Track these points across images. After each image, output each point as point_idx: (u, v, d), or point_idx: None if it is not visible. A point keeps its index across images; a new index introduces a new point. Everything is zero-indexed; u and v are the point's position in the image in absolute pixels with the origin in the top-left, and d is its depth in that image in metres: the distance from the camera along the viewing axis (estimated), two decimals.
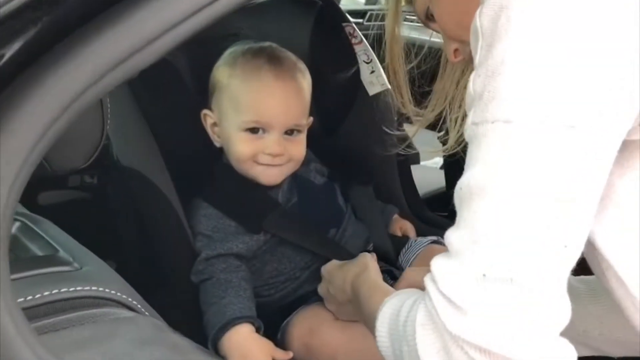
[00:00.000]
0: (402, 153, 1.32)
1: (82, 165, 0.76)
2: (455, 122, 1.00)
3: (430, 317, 0.58)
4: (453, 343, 0.56)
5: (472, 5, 0.62)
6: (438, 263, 0.58)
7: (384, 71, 1.40)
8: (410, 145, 1.42)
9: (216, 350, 0.95)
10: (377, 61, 1.40)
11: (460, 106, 0.95)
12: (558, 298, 0.55)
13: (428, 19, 0.82)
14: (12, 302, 0.41)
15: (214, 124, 1.10)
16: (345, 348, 0.98)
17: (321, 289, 1.03)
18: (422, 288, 0.62)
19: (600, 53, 0.53)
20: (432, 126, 1.04)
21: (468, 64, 0.82)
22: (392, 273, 1.08)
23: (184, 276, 1.05)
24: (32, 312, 0.55)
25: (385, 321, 0.68)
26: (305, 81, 1.10)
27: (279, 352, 0.95)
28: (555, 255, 0.54)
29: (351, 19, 1.45)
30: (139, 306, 0.64)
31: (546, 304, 0.54)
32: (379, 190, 1.35)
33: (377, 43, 1.17)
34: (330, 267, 1.02)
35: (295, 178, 1.12)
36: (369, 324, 0.76)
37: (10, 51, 0.42)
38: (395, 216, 1.27)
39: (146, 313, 0.65)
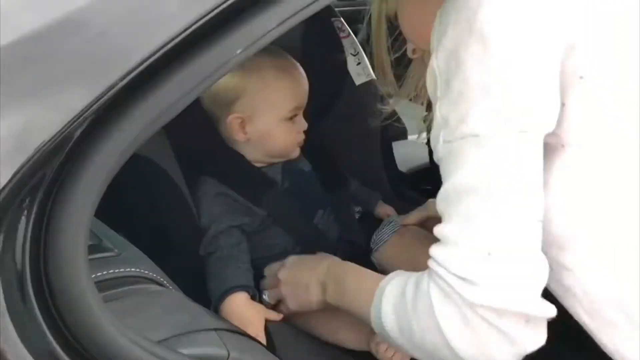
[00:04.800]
0: (389, 129, 1.44)
1: None
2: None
3: (446, 294, 0.74)
4: (470, 311, 0.72)
5: (426, 19, 0.81)
6: (439, 252, 0.76)
7: (370, 60, 1.53)
8: (398, 121, 1.57)
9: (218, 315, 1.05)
10: (364, 53, 1.53)
11: None
12: (542, 260, 0.74)
13: (397, 20, 0.99)
14: (90, 280, 0.59)
15: (242, 124, 1.18)
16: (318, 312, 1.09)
17: (272, 295, 1.12)
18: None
19: (528, 80, 0.72)
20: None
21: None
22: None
23: (188, 251, 1.14)
24: None
25: (390, 300, 0.81)
26: None
27: (271, 314, 1.08)
28: (537, 228, 0.73)
29: None
30: (165, 282, 0.82)
31: (536, 266, 0.74)
32: (362, 170, 1.48)
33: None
34: (288, 272, 1.11)
35: (286, 165, 1.26)
36: (362, 308, 0.87)
37: None
38: (380, 202, 1.40)
39: (170, 288, 0.84)
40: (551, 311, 0.74)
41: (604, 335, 0.78)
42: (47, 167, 0.59)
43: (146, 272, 0.79)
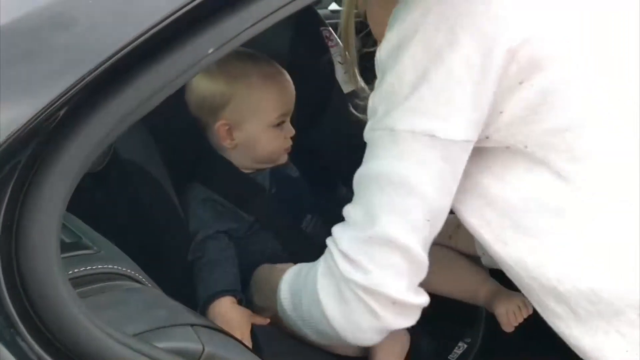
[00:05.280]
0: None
1: (99, 168, 0.95)
2: None
3: (329, 268, 0.82)
4: (344, 284, 0.79)
5: (388, 17, 0.84)
6: (338, 229, 0.83)
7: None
8: None
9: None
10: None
11: None
12: (419, 258, 0.79)
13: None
14: (64, 276, 0.61)
15: (229, 131, 1.20)
16: None
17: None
18: None
19: (447, 90, 0.76)
20: None
21: None
22: None
23: (177, 256, 1.16)
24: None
25: (288, 280, 0.91)
26: None
27: (257, 318, 1.09)
28: (423, 227, 0.79)
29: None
30: (143, 280, 0.83)
31: (410, 261, 0.79)
32: (351, 176, 1.50)
33: None
34: (257, 279, 1.14)
35: (273, 171, 1.27)
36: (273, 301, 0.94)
37: None
38: None
39: (148, 285, 0.84)
40: (420, 301, 0.81)
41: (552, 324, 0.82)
42: (19, 157, 0.60)
43: (124, 269, 0.80)
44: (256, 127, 1.21)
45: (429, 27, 0.76)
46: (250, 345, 1.05)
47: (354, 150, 1.55)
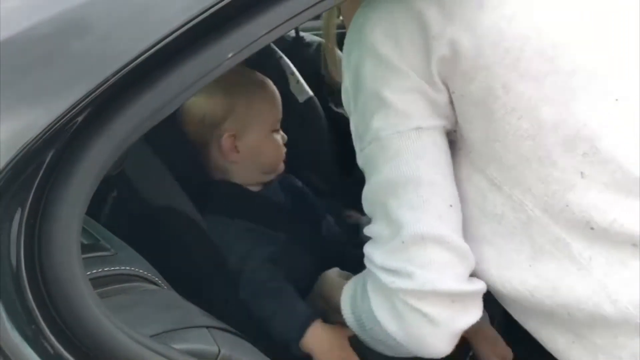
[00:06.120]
0: None
1: (115, 172, 0.96)
2: None
3: (377, 286, 0.80)
4: (395, 298, 0.78)
5: None
6: (367, 248, 0.83)
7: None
8: None
9: (295, 350, 1.01)
10: (298, 73, 1.57)
11: None
12: (456, 242, 0.78)
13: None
14: (85, 276, 0.62)
15: (233, 142, 1.19)
16: None
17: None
18: None
19: (409, 93, 0.78)
20: None
21: None
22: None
23: (219, 294, 1.06)
24: None
25: (347, 301, 0.88)
26: None
27: (347, 331, 0.96)
28: (448, 213, 0.78)
29: None
30: (159, 282, 0.84)
31: (450, 248, 0.77)
32: (324, 180, 1.49)
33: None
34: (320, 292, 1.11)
35: (283, 183, 1.27)
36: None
37: None
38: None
39: (164, 287, 0.85)
40: (474, 287, 0.78)
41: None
42: (41, 159, 0.61)
43: (141, 271, 0.81)
44: (258, 133, 1.21)
45: (377, 40, 0.79)
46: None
47: (320, 154, 1.57)
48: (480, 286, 0.79)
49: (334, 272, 1.11)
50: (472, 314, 0.79)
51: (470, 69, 0.76)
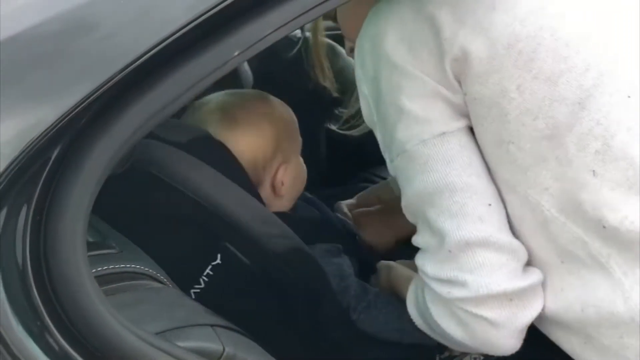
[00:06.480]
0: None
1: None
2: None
3: (434, 297, 0.81)
4: (454, 307, 0.78)
5: (360, 17, 0.87)
6: (418, 260, 0.83)
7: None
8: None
9: None
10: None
11: None
12: (504, 239, 0.77)
13: (336, 20, 1.05)
14: (90, 273, 0.62)
15: (283, 175, 1.13)
16: None
17: None
18: None
19: (427, 98, 0.78)
20: None
21: None
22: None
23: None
24: None
25: (413, 307, 0.89)
26: None
27: None
28: (489, 212, 0.78)
29: None
30: (164, 280, 0.84)
31: (497, 246, 0.77)
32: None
33: None
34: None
35: (309, 200, 1.25)
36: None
37: None
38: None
39: (169, 285, 0.85)
40: (529, 281, 0.77)
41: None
42: (47, 156, 0.62)
43: (146, 269, 0.81)
44: (296, 157, 1.19)
45: (390, 47, 0.79)
46: None
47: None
48: (535, 278, 0.78)
49: (389, 265, 1.10)
50: (534, 307, 0.78)
51: (483, 72, 0.75)
